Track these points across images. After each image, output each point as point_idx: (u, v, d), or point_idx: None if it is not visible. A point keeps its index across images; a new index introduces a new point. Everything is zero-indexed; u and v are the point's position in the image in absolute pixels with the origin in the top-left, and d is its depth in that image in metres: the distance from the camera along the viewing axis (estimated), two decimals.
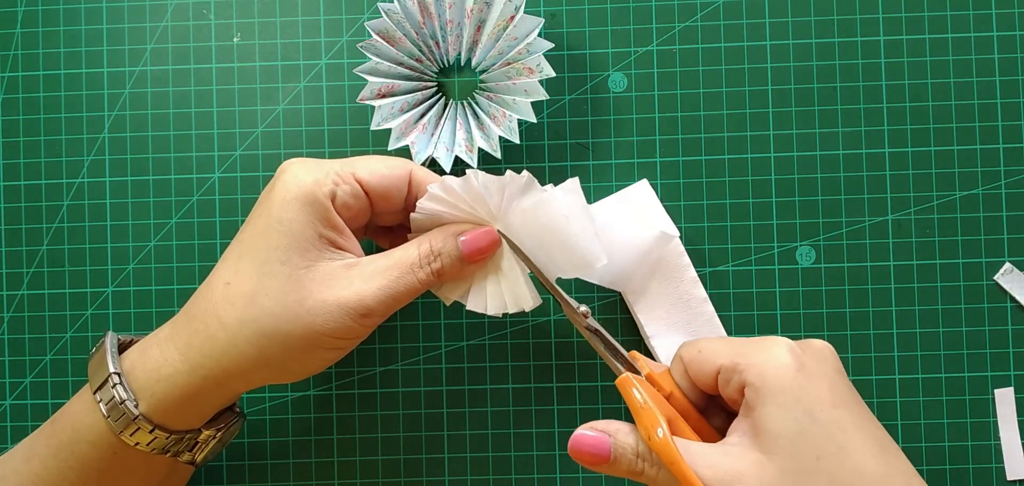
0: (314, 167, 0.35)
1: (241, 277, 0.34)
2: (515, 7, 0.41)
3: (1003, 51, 0.43)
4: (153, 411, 0.34)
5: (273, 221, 0.34)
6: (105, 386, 0.34)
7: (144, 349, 0.35)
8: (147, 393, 0.34)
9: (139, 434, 0.34)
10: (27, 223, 0.45)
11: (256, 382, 0.35)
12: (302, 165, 0.35)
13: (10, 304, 0.45)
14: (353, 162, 0.36)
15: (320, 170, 0.34)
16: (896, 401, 0.43)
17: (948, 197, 0.43)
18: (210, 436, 0.37)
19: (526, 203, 0.36)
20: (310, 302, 0.33)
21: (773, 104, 0.44)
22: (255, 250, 0.34)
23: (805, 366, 0.31)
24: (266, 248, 0.34)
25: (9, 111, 0.45)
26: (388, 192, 0.36)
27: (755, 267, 0.44)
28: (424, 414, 0.44)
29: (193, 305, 0.35)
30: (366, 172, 0.35)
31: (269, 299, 0.33)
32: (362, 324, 0.34)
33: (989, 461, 0.43)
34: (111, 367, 0.34)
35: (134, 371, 0.35)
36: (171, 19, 0.45)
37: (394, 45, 0.42)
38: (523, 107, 0.41)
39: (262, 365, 0.34)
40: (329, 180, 0.34)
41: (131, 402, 0.34)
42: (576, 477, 0.44)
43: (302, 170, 0.34)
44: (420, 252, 0.35)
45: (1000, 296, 0.43)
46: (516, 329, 0.44)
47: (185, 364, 0.34)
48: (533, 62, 0.41)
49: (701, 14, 0.44)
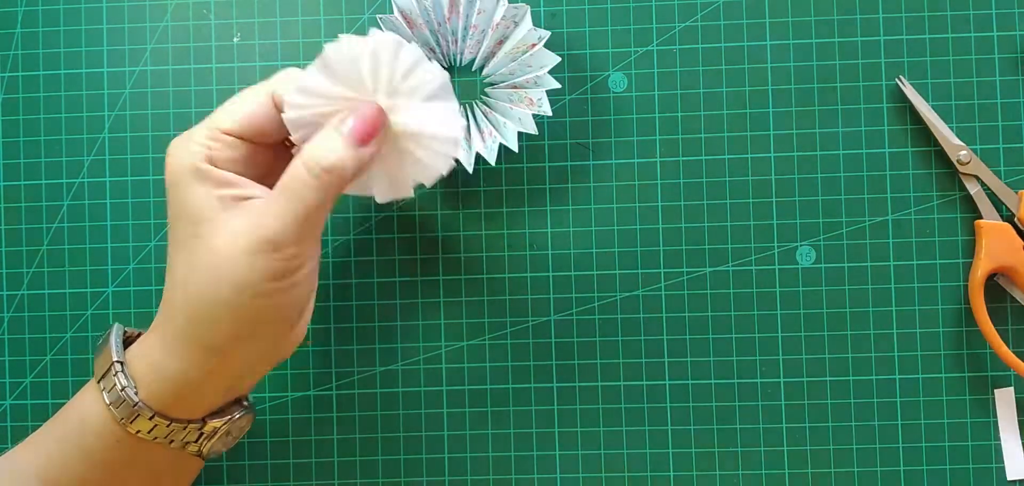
0: (186, 139, 0.35)
1: (174, 263, 0.34)
2: (538, 37, 0.41)
3: (1003, 51, 0.43)
4: (152, 398, 0.34)
5: (176, 205, 0.34)
6: (108, 374, 0.35)
7: (141, 341, 0.36)
8: (145, 381, 0.34)
9: (139, 421, 0.34)
10: (27, 223, 0.45)
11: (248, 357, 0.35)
12: (176, 142, 0.35)
13: (10, 304, 0.45)
14: (216, 115, 0.35)
15: (191, 141, 0.34)
16: (896, 401, 0.43)
17: (948, 197, 0.43)
18: (216, 427, 0.37)
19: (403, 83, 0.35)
20: (222, 259, 0.33)
21: (773, 104, 0.44)
22: (174, 235, 0.35)
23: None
24: (181, 230, 0.34)
25: (9, 111, 0.45)
26: (260, 126, 0.35)
27: (755, 267, 0.44)
28: (424, 414, 0.44)
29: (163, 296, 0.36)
30: (229, 121, 0.34)
31: (198, 275, 0.33)
32: (280, 258, 0.33)
33: (989, 461, 0.43)
34: (114, 355, 0.35)
35: (133, 360, 0.35)
36: (171, 19, 0.45)
37: (413, 29, 0.42)
38: (510, 132, 0.41)
39: (227, 337, 0.34)
40: (201, 148, 0.34)
41: (131, 389, 0.34)
42: (576, 477, 0.44)
43: (176, 147, 0.34)
44: (305, 162, 0.33)
45: (1000, 296, 0.43)
46: (516, 329, 0.44)
47: (166, 353, 0.34)
48: (536, 95, 0.41)
49: (701, 14, 0.44)
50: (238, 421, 0.38)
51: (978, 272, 0.42)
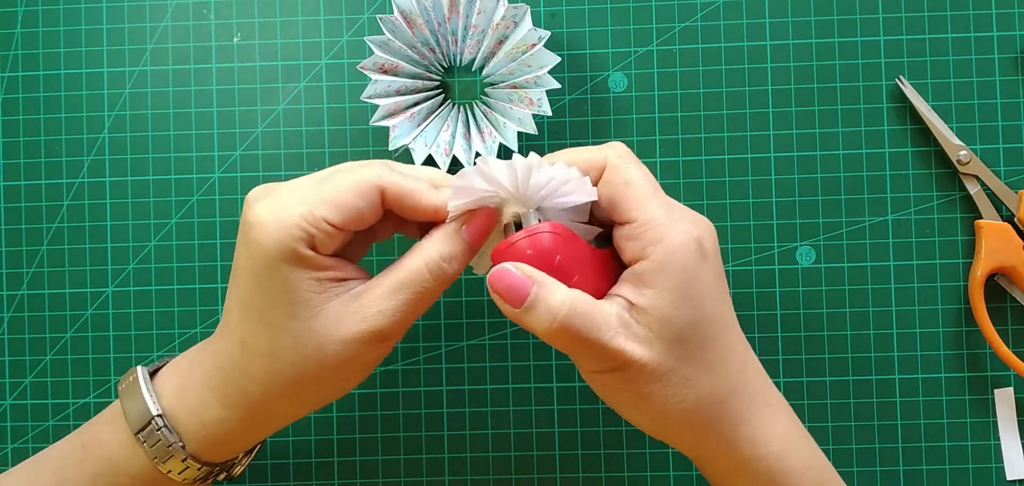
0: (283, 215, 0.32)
1: (255, 336, 0.33)
2: (538, 37, 0.41)
3: (1003, 51, 0.43)
4: (199, 451, 0.35)
5: (264, 279, 0.33)
6: (148, 428, 0.34)
7: (181, 392, 0.35)
8: (193, 437, 0.34)
9: (172, 462, 0.35)
10: (27, 223, 0.45)
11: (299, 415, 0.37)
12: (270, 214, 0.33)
13: (10, 304, 0.45)
14: (319, 204, 0.33)
15: (289, 221, 0.32)
16: (896, 401, 0.43)
17: (948, 197, 0.43)
18: (242, 461, 0.39)
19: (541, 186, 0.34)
20: (328, 347, 0.33)
21: (773, 104, 0.44)
22: (259, 305, 0.33)
23: (706, 253, 0.32)
24: (269, 305, 0.33)
25: (9, 111, 0.45)
26: (361, 216, 0.33)
27: (755, 267, 0.44)
28: (424, 414, 0.44)
29: (218, 356, 0.35)
30: (337, 216, 0.33)
31: (289, 354, 0.33)
32: (384, 348, 0.34)
33: (989, 461, 0.43)
34: (153, 410, 0.34)
35: (175, 412, 0.35)
36: (171, 19, 0.45)
37: (413, 29, 0.42)
38: (510, 132, 0.41)
39: (301, 406, 0.35)
40: (303, 234, 0.32)
41: (178, 444, 0.34)
42: (576, 477, 0.44)
43: (272, 223, 0.32)
44: (427, 263, 0.33)
45: (1000, 296, 0.43)
46: (516, 329, 0.44)
47: (227, 411, 0.34)
48: (535, 95, 0.41)
49: (701, 14, 0.44)
50: (256, 450, 0.40)
51: (978, 272, 0.42)
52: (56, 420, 0.45)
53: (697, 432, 0.33)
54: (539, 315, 0.31)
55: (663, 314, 0.31)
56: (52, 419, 0.45)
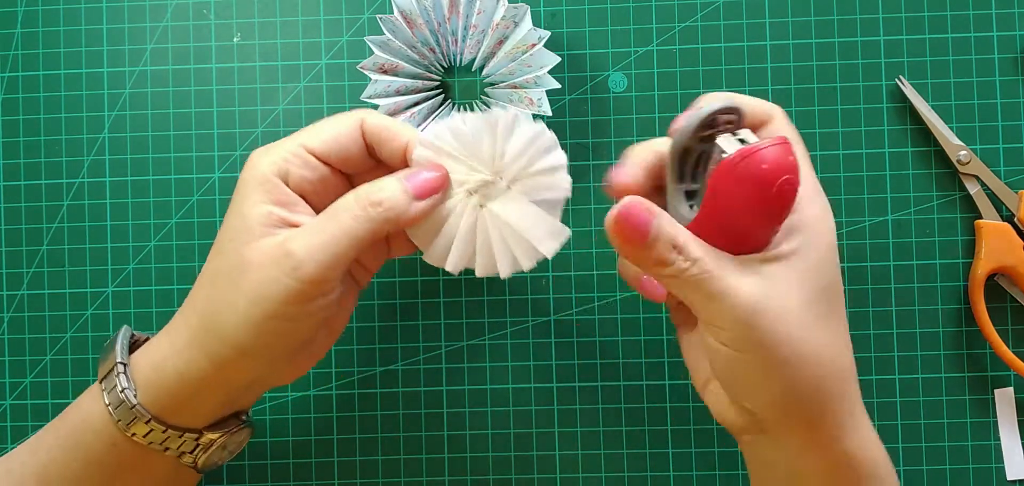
0: (267, 149, 0.35)
1: (206, 265, 0.35)
2: (538, 37, 0.41)
3: (1003, 51, 0.43)
4: (150, 401, 0.34)
5: (232, 208, 0.34)
6: (110, 375, 0.35)
7: (152, 340, 0.36)
8: (145, 383, 0.34)
9: (136, 425, 0.34)
10: (27, 223, 0.45)
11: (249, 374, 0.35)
12: (260, 151, 0.35)
13: (10, 304, 0.45)
14: (301, 133, 0.35)
15: (275, 152, 0.34)
16: (896, 401, 0.43)
17: (948, 197, 0.43)
18: (213, 439, 0.37)
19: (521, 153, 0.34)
20: (250, 272, 0.33)
21: None
22: (218, 236, 0.35)
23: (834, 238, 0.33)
24: (225, 233, 0.34)
25: (9, 111, 0.45)
26: (343, 150, 0.35)
27: None
28: (424, 414, 0.44)
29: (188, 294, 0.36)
30: (315, 140, 0.34)
31: (220, 279, 0.34)
32: (304, 284, 0.32)
33: (989, 461, 0.43)
34: (118, 357, 0.35)
35: (138, 363, 0.35)
36: (171, 19, 0.45)
37: (413, 29, 0.42)
38: None
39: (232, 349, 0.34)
40: (281, 159, 0.34)
41: (130, 391, 0.34)
42: (576, 477, 0.44)
43: (256, 155, 0.35)
44: (355, 193, 0.33)
45: (1000, 296, 0.43)
46: (516, 329, 0.44)
47: (172, 350, 0.35)
48: (536, 95, 0.41)
49: (701, 14, 0.44)
50: (235, 435, 0.38)
51: (978, 272, 0.42)
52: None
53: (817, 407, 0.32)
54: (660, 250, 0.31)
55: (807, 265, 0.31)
56: (52, 419, 0.45)
